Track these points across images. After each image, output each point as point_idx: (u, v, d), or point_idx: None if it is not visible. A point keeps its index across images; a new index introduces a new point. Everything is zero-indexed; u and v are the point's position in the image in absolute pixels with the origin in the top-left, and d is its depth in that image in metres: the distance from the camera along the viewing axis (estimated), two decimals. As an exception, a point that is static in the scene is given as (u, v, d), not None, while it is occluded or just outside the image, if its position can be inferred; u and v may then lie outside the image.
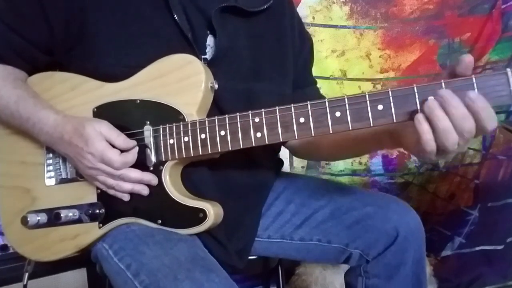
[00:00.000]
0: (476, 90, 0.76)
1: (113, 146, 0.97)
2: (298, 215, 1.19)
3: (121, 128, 1.00)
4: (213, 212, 0.96)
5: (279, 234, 1.20)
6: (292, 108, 0.89)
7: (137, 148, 0.99)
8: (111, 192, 1.00)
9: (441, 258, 2.24)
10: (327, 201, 1.17)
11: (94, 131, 0.96)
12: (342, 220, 1.14)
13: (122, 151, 0.98)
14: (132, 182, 0.99)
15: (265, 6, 1.11)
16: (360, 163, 2.25)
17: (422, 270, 1.14)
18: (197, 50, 1.02)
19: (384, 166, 2.26)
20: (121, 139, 0.98)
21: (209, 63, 1.03)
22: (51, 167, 1.08)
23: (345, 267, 1.25)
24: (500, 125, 2.10)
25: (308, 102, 0.88)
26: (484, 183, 2.20)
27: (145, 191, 0.99)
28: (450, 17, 2.16)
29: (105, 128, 0.98)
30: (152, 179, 0.99)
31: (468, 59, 0.77)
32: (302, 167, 2.23)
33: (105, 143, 0.96)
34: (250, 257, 1.19)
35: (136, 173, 0.98)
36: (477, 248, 2.14)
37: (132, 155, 0.98)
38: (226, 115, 0.93)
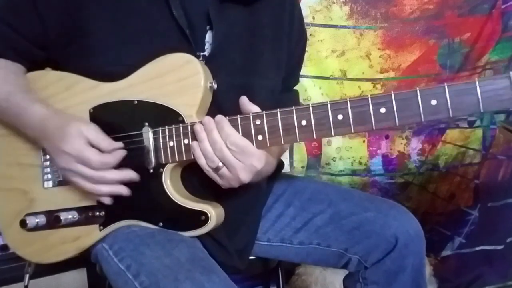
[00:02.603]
0: (478, 93, 0.77)
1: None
2: (297, 219, 1.18)
3: (119, 129, 1.00)
4: (214, 214, 0.96)
5: (279, 238, 1.20)
6: (294, 110, 0.88)
7: (121, 152, 0.97)
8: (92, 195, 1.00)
9: (441, 258, 2.24)
10: (327, 205, 1.17)
11: (76, 131, 0.95)
12: (341, 225, 1.14)
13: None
14: (109, 184, 0.97)
15: None
16: (360, 163, 2.25)
17: (421, 277, 1.13)
18: (194, 46, 1.01)
19: (384, 166, 2.26)
20: (106, 142, 0.96)
21: (207, 60, 1.02)
22: (48, 169, 1.07)
23: (346, 267, 1.25)
24: (500, 125, 2.10)
25: (310, 104, 0.87)
26: (484, 183, 2.20)
27: (124, 191, 0.98)
28: (450, 17, 2.16)
29: (92, 131, 0.96)
30: (132, 176, 0.98)
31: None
32: (302, 167, 2.23)
33: (83, 142, 0.94)
34: (250, 257, 1.19)
35: (112, 174, 0.97)
36: (477, 248, 2.14)
37: (113, 157, 0.96)
38: (227, 117, 0.92)
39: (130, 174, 0.98)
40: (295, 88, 1.31)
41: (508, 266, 2.00)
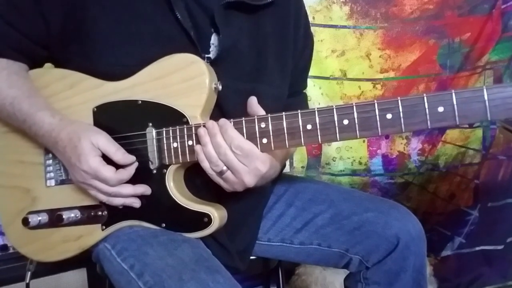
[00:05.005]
0: (486, 101, 0.77)
1: (109, 160, 0.96)
2: (298, 219, 1.18)
3: (122, 129, 0.99)
4: (217, 216, 0.96)
5: (279, 238, 1.20)
6: (299, 114, 0.88)
7: (136, 164, 0.98)
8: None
9: (441, 258, 2.24)
10: (328, 205, 1.16)
11: (89, 145, 0.94)
12: (342, 225, 1.14)
13: (117, 166, 0.96)
14: (124, 197, 0.98)
15: (269, 0, 1.07)
16: (360, 163, 2.25)
17: (423, 277, 1.13)
18: (199, 48, 1.00)
19: (384, 166, 2.26)
20: (120, 154, 0.96)
21: (212, 62, 1.01)
22: (50, 168, 1.07)
23: (346, 267, 1.25)
24: (500, 125, 2.10)
25: (316, 108, 0.87)
26: (484, 183, 2.21)
27: (136, 204, 0.99)
28: (450, 17, 2.16)
29: (103, 142, 0.96)
30: (145, 190, 0.98)
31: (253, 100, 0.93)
32: (302, 167, 2.23)
33: (99, 160, 0.95)
34: (250, 257, 1.19)
35: (128, 189, 0.97)
36: (477, 248, 2.14)
37: (128, 173, 0.97)
38: (232, 120, 0.91)
39: (143, 189, 0.98)
40: (304, 91, 1.31)
41: (508, 266, 2.00)
